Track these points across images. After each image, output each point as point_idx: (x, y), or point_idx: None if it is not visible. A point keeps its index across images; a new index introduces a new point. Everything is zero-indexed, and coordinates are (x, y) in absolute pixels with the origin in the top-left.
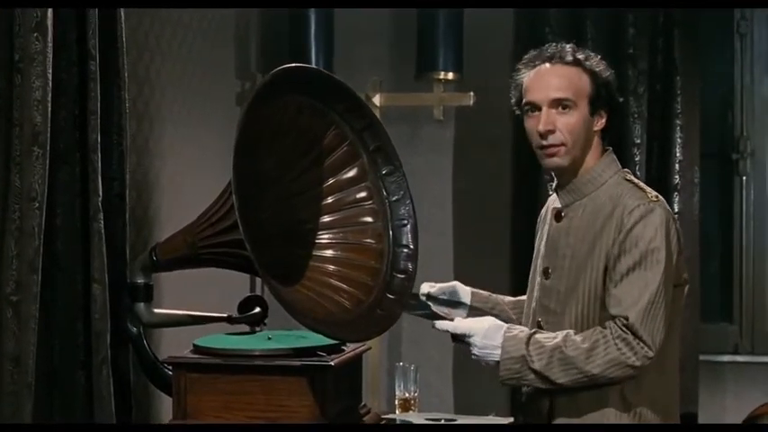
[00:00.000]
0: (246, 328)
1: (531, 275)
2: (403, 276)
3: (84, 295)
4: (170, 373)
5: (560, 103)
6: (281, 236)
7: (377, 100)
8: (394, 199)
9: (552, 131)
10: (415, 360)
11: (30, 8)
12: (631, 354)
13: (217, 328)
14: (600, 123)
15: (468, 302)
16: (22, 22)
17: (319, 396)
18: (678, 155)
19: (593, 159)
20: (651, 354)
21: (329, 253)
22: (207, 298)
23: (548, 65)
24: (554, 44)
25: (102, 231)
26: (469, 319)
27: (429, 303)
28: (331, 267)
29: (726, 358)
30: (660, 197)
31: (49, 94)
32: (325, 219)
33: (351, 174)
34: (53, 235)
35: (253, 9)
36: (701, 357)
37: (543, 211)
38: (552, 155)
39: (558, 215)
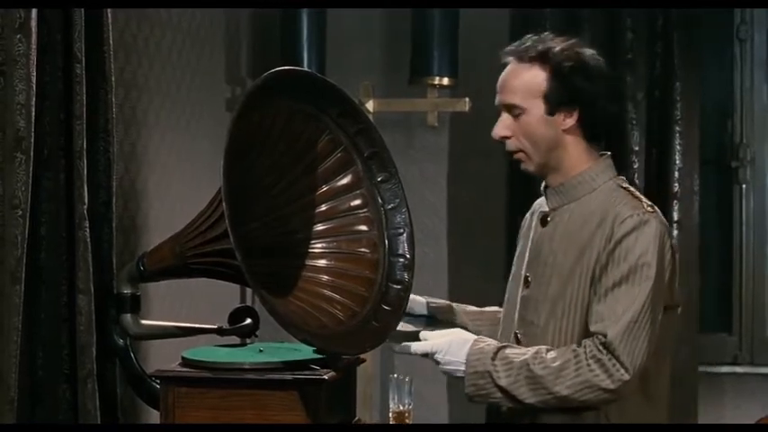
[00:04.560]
0: (237, 340)
1: (508, 286)
2: (399, 287)
3: (68, 306)
4: (158, 386)
5: (510, 109)
6: (272, 245)
7: (370, 105)
8: (389, 207)
9: (508, 137)
10: (410, 372)
11: (13, 8)
12: (605, 376)
13: (206, 340)
14: (568, 121)
15: (426, 313)
16: (6, 23)
17: (312, 411)
18: (677, 162)
19: (582, 162)
20: (627, 377)
21: (322, 263)
22: (196, 309)
23: (509, 64)
24: (530, 36)
25: (88, 240)
26: (432, 338)
27: None
28: (324, 278)
29: (725, 369)
30: (656, 208)
31: (33, 98)
32: (319, 227)
33: (345, 180)
34: (37, 244)
35: (243, 12)
36: (700, 368)
37: (528, 215)
38: (519, 160)
39: (544, 219)
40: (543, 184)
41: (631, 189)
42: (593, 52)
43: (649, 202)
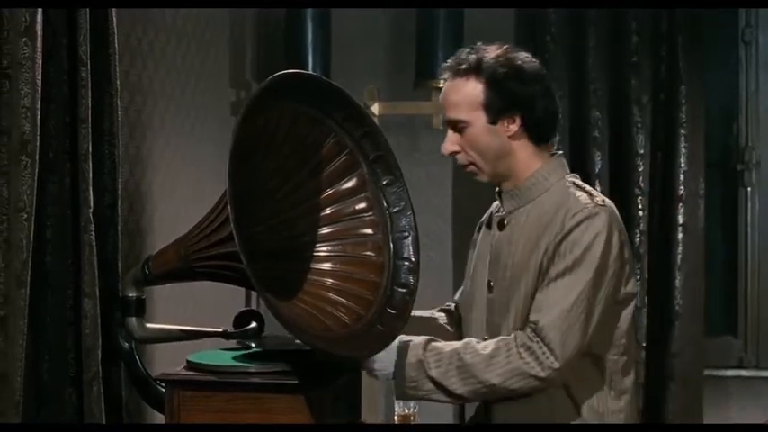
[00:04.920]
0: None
1: (467, 290)
2: (404, 290)
3: (74, 309)
4: (163, 390)
5: (455, 125)
6: (277, 248)
7: (374, 108)
8: (394, 210)
9: (457, 152)
10: None
11: (18, 11)
12: (535, 363)
13: (211, 343)
14: (512, 127)
15: None
16: (11, 26)
17: (317, 414)
18: (683, 165)
19: (532, 164)
20: (557, 365)
21: (327, 266)
22: (201, 312)
23: (449, 80)
24: (463, 49)
25: (93, 244)
26: None
27: None
28: (329, 281)
29: (730, 372)
30: (608, 202)
31: (39, 102)
32: (324, 231)
33: (350, 184)
34: (42, 247)
35: (248, 16)
36: (706, 371)
37: (483, 219)
38: (472, 174)
39: (501, 223)
40: (497, 189)
41: (585, 186)
42: (527, 55)
43: (602, 197)
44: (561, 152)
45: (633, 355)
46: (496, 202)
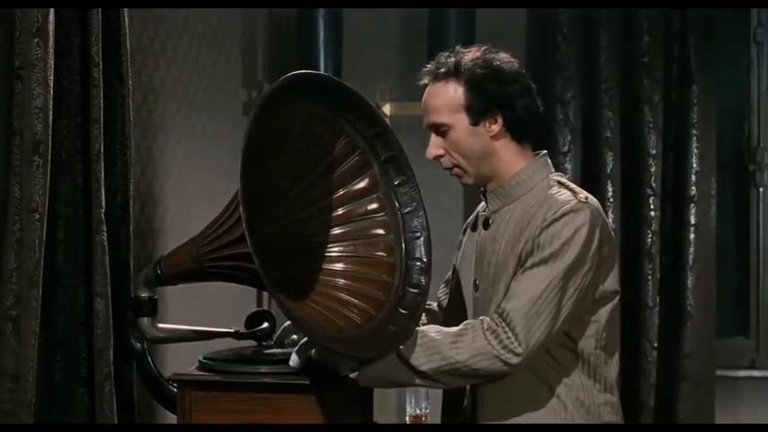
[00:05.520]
0: (254, 343)
1: (453, 290)
2: (416, 291)
3: (86, 310)
4: (175, 390)
5: (437, 128)
6: (289, 249)
7: (386, 109)
8: (406, 211)
9: (441, 156)
10: None
11: (30, 11)
12: (499, 346)
13: (223, 343)
14: (494, 128)
15: None
16: (23, 26)
17: (328, 415)
18: (694, 165)
19: (516, 163)
20: (520, 350)
21: (339, 266)
22: (213, 313)
23: (428, 85)
24: (442, 53)
25: (105, 244)
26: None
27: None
28: (341, 281)
29: (742, 373)
30: (591, 199)
31: (51, 102)
32: (336, 231)
33: (362, 184)
34: (54, 247)
35: (260, 16)
36: (718, 372)
37: (470, 219)
38: (457, 176)
39: (486, 222)
40: (482, 189)
41: (569, 184)
42: (506, 55)
43: (586, 194)
44: (545, 152)
45: (615, 349)
46: (482, 204)
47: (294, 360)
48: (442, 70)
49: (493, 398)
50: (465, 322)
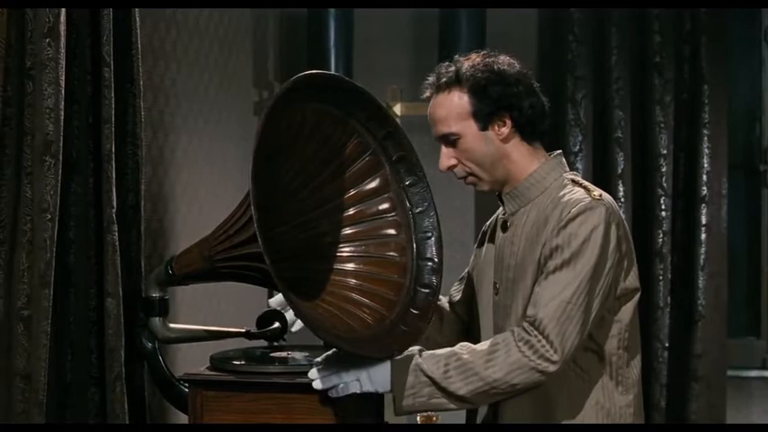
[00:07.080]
0: (265, 343)
1: (468, 293)
2: (427, 291)
3: (97, 310)
4: (186, 390)
5: (447, 139)
6: (301, 249)
7: (397, 109)
8: (417, 211)
9: (454, 166)
10: None
11: (42, 11)
12: (535, 356)
13: (234, 343)
14: (503, 130)
15: None
16: (35, 26)
17: (340, 415)
18: (705, 166)
19: (529, 164)
20: (557, 357)
21: (351, 267)
22: (224, 312)
23: (433, 97)
24: (440, 65)
25: (117, 244)
26: (326, 367)
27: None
28: (352, 281)
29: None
30: (606, 196)
31: (62, 102)
32: (347, 231)
33: (373, 184)
34: (65, 247)
35: (270, 16)
36: (729, 372)
37: (489, 223)
38: (472, 184)
39: (504, 225)
40: (498, 192)
41: (583, 181)
42: (506, 58)
43: (600, 192)
44: (560, 152)
45: (637, 349)
46: (500, 209)
47: (315, 377)
48: (444, 80)
49: (513, 410)
50: (495, 336)
